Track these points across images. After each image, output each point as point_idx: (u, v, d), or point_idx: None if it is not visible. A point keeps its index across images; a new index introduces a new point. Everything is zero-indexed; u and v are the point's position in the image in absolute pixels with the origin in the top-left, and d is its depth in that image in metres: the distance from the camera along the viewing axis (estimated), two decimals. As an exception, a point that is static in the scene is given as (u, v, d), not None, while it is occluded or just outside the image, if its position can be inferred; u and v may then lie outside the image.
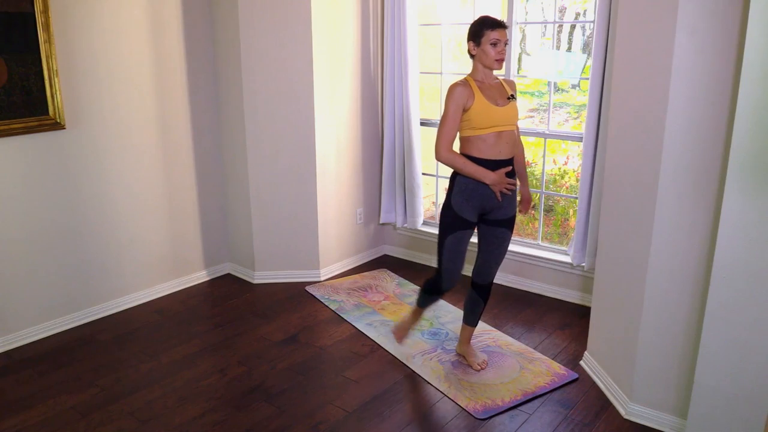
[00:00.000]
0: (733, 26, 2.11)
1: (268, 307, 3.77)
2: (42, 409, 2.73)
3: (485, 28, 2.64)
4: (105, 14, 3.38)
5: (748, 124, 1.99)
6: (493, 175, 2.68)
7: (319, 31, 3.83)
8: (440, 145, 2.70)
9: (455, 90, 2.66)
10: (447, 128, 2.68)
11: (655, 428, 2.59)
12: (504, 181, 2.69)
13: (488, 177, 2.68)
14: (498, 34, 2.63)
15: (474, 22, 2.70)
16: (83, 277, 3.52)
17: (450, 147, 2.70)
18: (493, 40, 2.64)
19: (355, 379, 2.98)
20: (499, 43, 2.64)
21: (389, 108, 4.29)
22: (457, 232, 2.77)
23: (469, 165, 2.69)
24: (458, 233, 2.77)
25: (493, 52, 2.65)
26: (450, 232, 2.78)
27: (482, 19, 2.69)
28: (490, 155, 2.69)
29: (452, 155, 2.71)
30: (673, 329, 2.48)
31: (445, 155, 2.71)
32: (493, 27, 2.64)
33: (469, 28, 2.71)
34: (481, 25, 2.66)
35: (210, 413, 2.71)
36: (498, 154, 2.70)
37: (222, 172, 4.17)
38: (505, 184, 2.70)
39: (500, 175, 2.69)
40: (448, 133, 2.69)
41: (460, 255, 2.82)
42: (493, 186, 2.68)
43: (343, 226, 4.34)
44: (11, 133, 3.09)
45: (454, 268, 2.84)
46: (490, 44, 2.64)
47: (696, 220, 2.34)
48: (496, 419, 2.67)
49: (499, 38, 2.64)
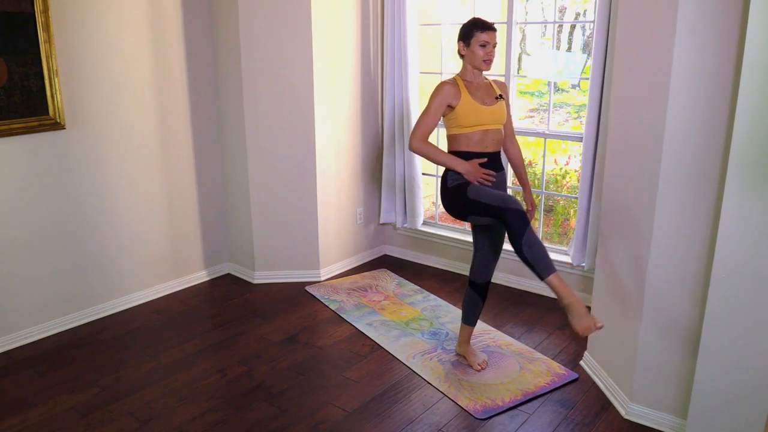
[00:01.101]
0: (733, 26, 2.11)
1: (268, 307, 3.77)
2: (42, 409, 2.73)
3: (475, 30, 2.70)
4: (105, 14, 3.38)
5: (748, 124, 1.99)
6: (466, 164, 2.70)
7: (319, 31, 3.83)
8: (414, 136, 2.74)
9: (442, 88, 2.72)
10: (425, 121, 2.73)
11: (655, 428, 2.59)
12: (479, 170, 2.71)
13: (460, 165, 2.71)
14: (487, 36, 2.69)
15: (465, 23, 2.77)
16: (83, 277, 3.52)
17: (424, 138, 2.74)
18: (482, 41, 2.69)
19: (355, 379, 2.98)
20: (488, 45, 2.70)
21: (389, 108, 4.29)
22: (470, 184, 2.68)
23: (442, 154, 2.74)
24: (472, 184, 2.68)
25: (481, 53, 2.70)
26: (465, 189, 2.67)
27: (473, 20, 2.75)
28: (475, 149, 2.75)
29: (425, 145, 2.74)
30: (673, 329, 2.48)
31: (417, 145, 2.74)
32: (482, 29, 2.69)
33: (460, 28, 2.77)
34: (471, 27, 2.72)
35: (210, 413, 2.71)
36: (484, 148, 2.76)
37: (222, 172, 4.17)
38: (481, 173, 2.70)
39: (473, 165, 2.71)
40: (425, 126, 2.73)
41: (490, 191, 2.63)
42: (467, 175, 2.70)
43: (343, 226, 4.34)
44: (11, 133, 3.09)
45: (502, 197, 2.56)
46: (479, 45, 2.70)
47: (696, 220, 2.34)
48: (496, 419, 2.67)
49: (488, 40, 2.70)
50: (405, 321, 3.55)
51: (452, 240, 4.31)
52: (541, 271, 2.42)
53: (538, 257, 2.42)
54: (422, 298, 3.86)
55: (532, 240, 2.42)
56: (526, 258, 2.43)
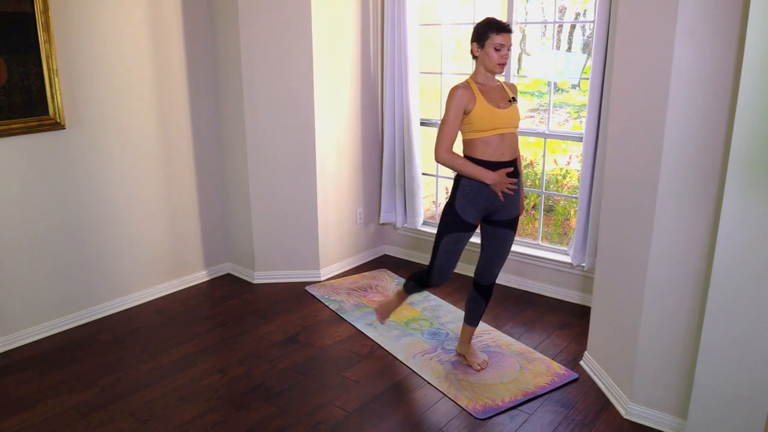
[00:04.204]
0: (733, 26, 2.11)
1: (268, 307, 3.77)
2: (42, 409, 2.73)
3: (490, 31, 2.61)
4: (105, 14, 3.38)
5: (748, 123, 1.99)
6: (494, 175, 2.67)
7: (319, 31, 3.83)
8: (439, 147, 2.70)
9: (456, 93, 2.65)
10: (447, 131, 2.68)
11: (655, 428, 2.59)
12: (505, 181, 2.69)
13: (488, 177, 2.67)
14: (503, 38, 2.61)
15: (480, 23, 2.67)
16: (83, 277, 3.52)
17: (449, 149, 2.70)
18: (497, 44, 2.62)
19: (355, 379, 2.98)
20: (503, 47, 2.62)
21: (389, 108, 4.29)
22: (456, 233, 2.76)
23: (468, 165, 2.69)
24: (457, 234, 2.77)
25: (496, 56, 2.63)
26: (448, 232, 2.78)
27: (488, 21, 2.65)
28: (492, 157, 2.69)
29: (451, 156, 2.70)
30: (673, 329, 2.48)
31: (444, 156, 2.70)
32: (498, 31, 2.61)
33: (474, 28, 2.68)
34: (486, 27, 2.63)
35: (210, 413, 2.71)
36: (501, 156, 2.70)
37: (222, 172, 4.17)
38: (507, 183, 2.69)
39: (501, 175, 2.68)
40: (447, 136, 2.68)
41: (455, 255, 2.82)
42: (494, 186, 2.68)
43: (343, 226, 4.34)
44: (11, 133, 3.09)
45: (447, 268, 2.84)
46: (494, 48, 2.62)
47: (696, 220, 2.34)
48: (496, 419, 2.67)
49: (504, 43, 2.62)
50: (405, 321, 3.55)
51: (452, 240, 4.30)
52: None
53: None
54: (422, 298, 3.86)
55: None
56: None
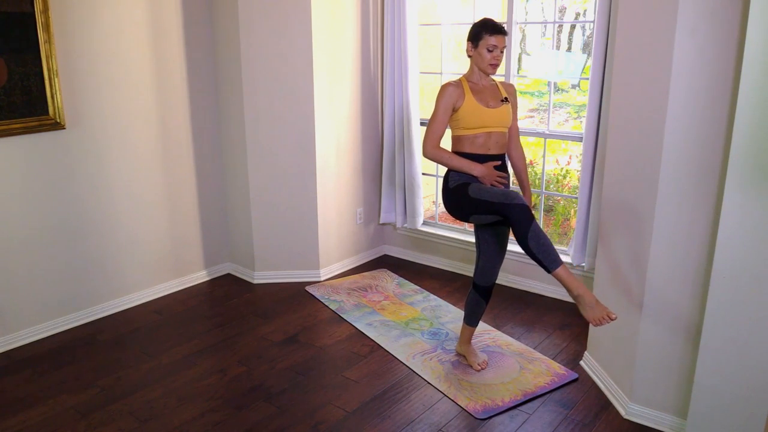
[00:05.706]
0: (733, 26, 2.11)
1: (268, 307, 3.77)
2: (42, 409, 2.73)
3: (485, 32, 2.65)
4: (105, 14, 3.38)
5: (748, 124, 1.99)
6: (482, 167, 2.70)
7: (319, 31, 3.83)
8: (427, 142, 2.74)
9: (446, 89, 2.69)
10: (435, 126, 2.72)
11: (655, 428, 2.59)
12: (493, 173, 2.71)
13: (476, 169, 2.70)
14: (496, 39, 2.64)
15: (475, 23, 2.71)
16: (83, 277, 3.52)
17: (436, 144, 2.73)
18: (490, 45, 2.65)
19: (355, 379, 2.98)
20: (495, 49, 2.65)
21: (389, 108, 4.29)
22: (471, 183, 2.67)
23: (455, 159, 2.73)
24: (470, 183, 2.67)
25: (488, 56, 2.66)
26: (466, 188, 2.65)
27: (483, 21, 2.68)
28: (479, 150, 2.74)
29: (438, 151, 2.73)
30: (673, 329, 2.48)
31: (431, 151, 2.74)
32: (492, 32, 2.64)
33: (470, 28, 2.72)
34: (481, 28, 2.67)
35: (210, 413, 2.71)
36: (486, 150, 2.75)
37: (222, 172, 4.17)
38: (495, 176, 2.71)
39: (489, 167, 2.71)
40: (435, 131, 2.72)
41: (490, 188, 2.61)
42: (482, 178, 2.70)
43: (343, 226, 4.34)
44: (11, 133, 3.09)
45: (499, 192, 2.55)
46: (487, 49, 2.65)
47: (696, 220, 2.34)
48: (496, 419, 2.67)
49: (497, 44, 2.64)
50: (405, 321, 3.55)
51: (452, 240, 4.31)
52: (548, 264, 2.41)
53: (545, 250, 2.40)
54: (422, 298, 3.86)
55: (538, 233, 2.41)
56: (532, 252, 2.41)
